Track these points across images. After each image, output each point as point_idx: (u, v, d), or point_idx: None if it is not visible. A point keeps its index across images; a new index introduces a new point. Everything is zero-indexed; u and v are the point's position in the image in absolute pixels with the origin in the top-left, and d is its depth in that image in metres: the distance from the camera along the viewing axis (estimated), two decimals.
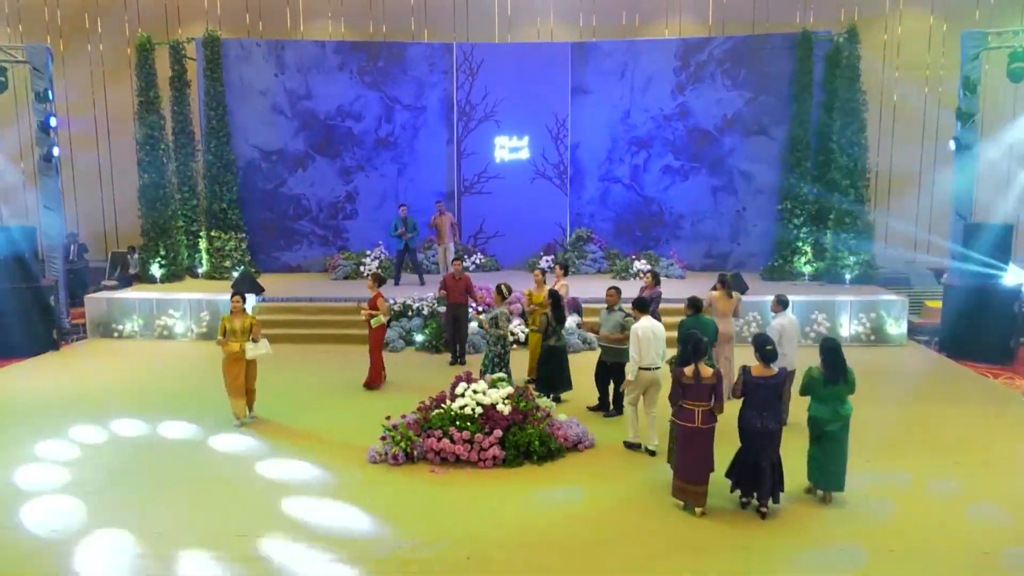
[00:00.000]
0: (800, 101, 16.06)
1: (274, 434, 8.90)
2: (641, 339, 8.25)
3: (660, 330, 8.44)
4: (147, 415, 9.55)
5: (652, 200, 17.49)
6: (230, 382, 9.05)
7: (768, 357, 6.86)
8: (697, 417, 6.72)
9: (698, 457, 6.78)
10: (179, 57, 16.45)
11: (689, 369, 6.77)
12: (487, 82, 17.24)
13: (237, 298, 9.18)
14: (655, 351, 8.32)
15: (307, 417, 9.49)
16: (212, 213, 16.41)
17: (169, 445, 8.59)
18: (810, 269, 16.08)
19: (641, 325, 8.37)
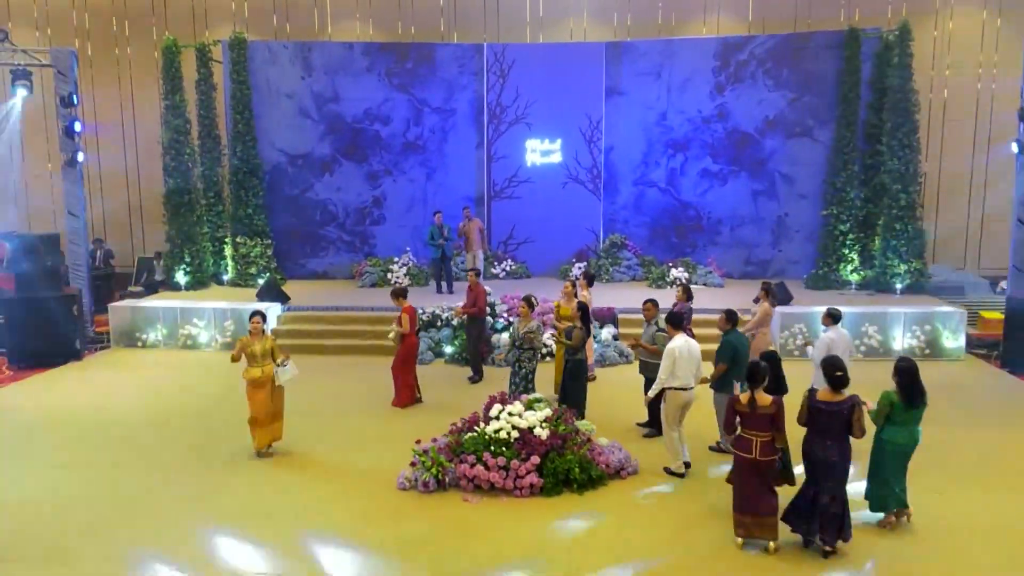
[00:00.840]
0: (847, 101, 15.32)
1: (297, 458, 8.43)
2: (677, 358, 7.74)
3: (696, 349, 7.98)
4: (163, 436, 9.16)
5: (689, 205, 16.85)
6: (256, 411, 8.31)
7: (838, 383, 6.27)
8: (755, 447, 6.18)
9: (758, 488, 6.24)
10: (205, 60, 16.15)
11: (745, 396, 6.25)
12: (518, 83, 16.73)
13: (257, 319, 8.37)
14: (690, 371, 7.82)
15: (332, 438, 9.02)
16: (237, 219, 16.08)
17: (183, 472, 8.15)
18: (857, 278, 15.34)
19: (677, 344, 7.85)
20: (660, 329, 8.83)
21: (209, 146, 16.30)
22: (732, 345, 8.27)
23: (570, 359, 9.43)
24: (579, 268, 16.80)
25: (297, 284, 16.51)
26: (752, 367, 6.32)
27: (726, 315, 8.51)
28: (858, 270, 15.34)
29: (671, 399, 7.87)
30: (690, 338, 8.06)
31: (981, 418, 9.67)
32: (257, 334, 8.35)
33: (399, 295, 10.20)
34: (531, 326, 9.28)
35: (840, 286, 15.36)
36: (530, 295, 9.90)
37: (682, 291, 10.35)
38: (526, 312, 9.45)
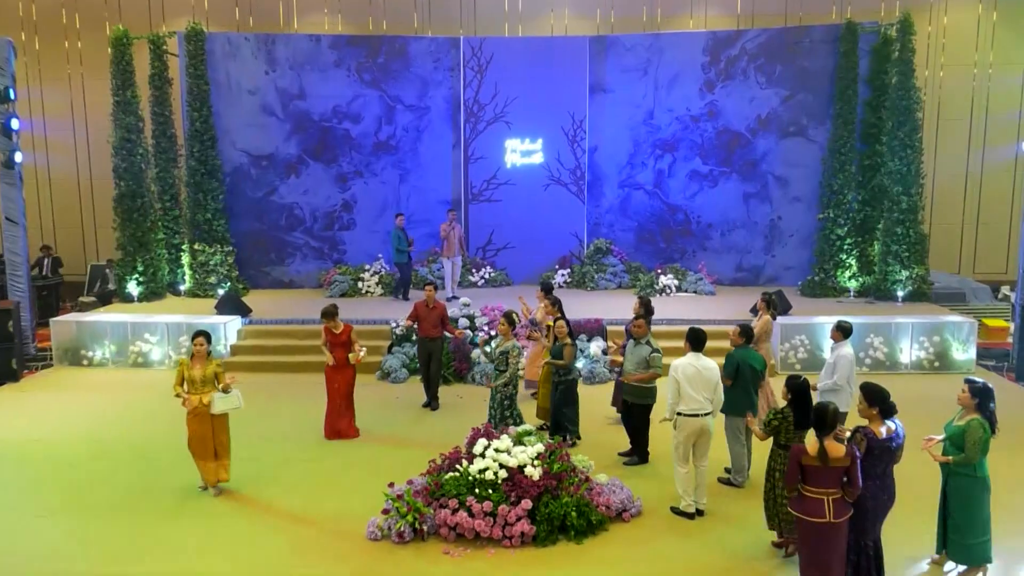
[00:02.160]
0: (844, 99, 14.55)
1: (251, 500, 7.38)
2: (681, 380, 6.82)
3: (709, 369, 7.01)
4: (101, 474, 8.05)
5: (678, 208, 15.99)
6: (195, 443, 7.38)
7: (890, 411, 5.44)
8: (828, 508, 5.16)
9: (834, 554, 5.24)
10: (159, 53, 14.97)
11: (812, 445, 5.22)
12: (497, 80, 15.77)
13: (200, 339, 7.42)
14: (702, 394, 6.88)
15: (291, 476, 7.97)
16: (195, 224, 14.90)
17: (118, 520, 7.06)
18: (855, 284, 14.58)
19: (682, 362, 6.93)
20: (655, 350, 7.93)
21: (164, 146, 15.11)
22: (734, 360, 7.41)
23: (560, 380, 8.52)
24: (563, 275, 15.92)
25: (261, 294, 15.39)
26: (820, 411, 5.31)
27: (740, 330, 7.63)
28: (856, 276, 14.58)
29: (678, 427, 6.97)
30: (701, 356, 7.13)
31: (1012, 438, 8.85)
32: (200, 357, 7.38)
33: (330, 315, 8.96)
34: (507, 346, 8.27)
35: (837, 293, 14.60)
36: (512, 312, 8.91)
37: (639, 304, 9.06)
38: (506, 330, 8.44)
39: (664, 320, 12.56)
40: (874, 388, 5.73)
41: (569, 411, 8.56)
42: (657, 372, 7.87)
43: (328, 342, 8.88)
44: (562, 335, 8.53)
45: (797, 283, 15.17)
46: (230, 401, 7.46)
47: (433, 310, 10.04)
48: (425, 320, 10.03)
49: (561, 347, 8.46)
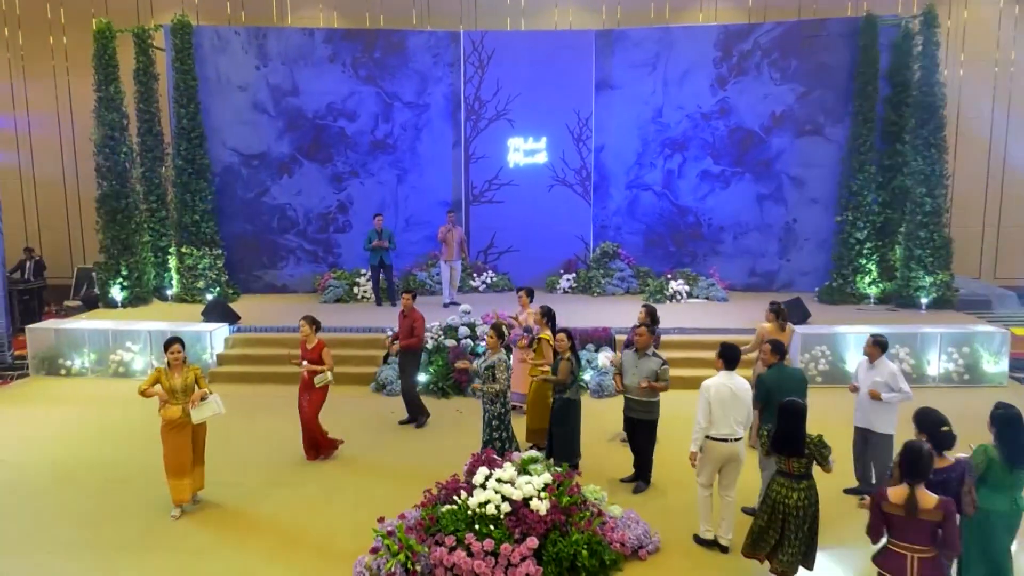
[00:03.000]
0: (863, 96, 13.85)
1: (225, 531, 6.68)
2: (714, 402, 6.14)
3: (742, 389, 6.33)
4: (68, 498, 7.36)
5: (688, 210, 15.29)
6: (171, 457, 6.88)
7: (946, 442, 4.76)
8: (911, 567, 4.38)
9: None
10: (145, 47, 14.27)
11: (898, 492, 4.41)
12: (499, 76, 15.08)
13: (176, 347, 6.93)
14: (734, 417, 6.20)
15: (272, 504, 7.25)
16: (183, 226, 14.20)
17: (78, 554, 6.36)
18: (876, 291, 13.87)
19: (715, 382, 6.25)
20: (664, 362, 7.25)
21: (150, 144, 14.42)
22: (764, 384, 6.69)
23: (557, 398, 7.78)
24: (567, 280, 15.22)
25: (252, 299, 14.71)
26: (912, 453, 4.44)
27: (772, 347, 6.91)
28: (877, 282, 13.87)
29: (705, 451, 6.29)
30: (734, 375, 6.44)
31: None
32: (177, 365, 6.89)
33: (315, 323, 8.15)
34: (493, 359, 7.48)
35: (857, 300, 13.90)
36: (500, 323, 8.13)
37: (645, 313, 8.65)
38: (494, 343, 7.59)
39: (675, 329, 11.88)
40: (925, 417, 5.05)
41: (561, 432, 7.71)
42: (666, 386, 7.21)
43: (300, 356, 8.08)
44: (563, 348, 7.81)
45: (814, 289, 14.47)
46: (209, 408, 7.00)
47: (406, 319, 9.18)
48: (400, 329, 9.25)
49: (559, 361, 7.76)
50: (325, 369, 7.94)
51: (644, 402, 7.34)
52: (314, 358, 7.94)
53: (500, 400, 7.42)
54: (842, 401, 9.49)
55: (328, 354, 8.01)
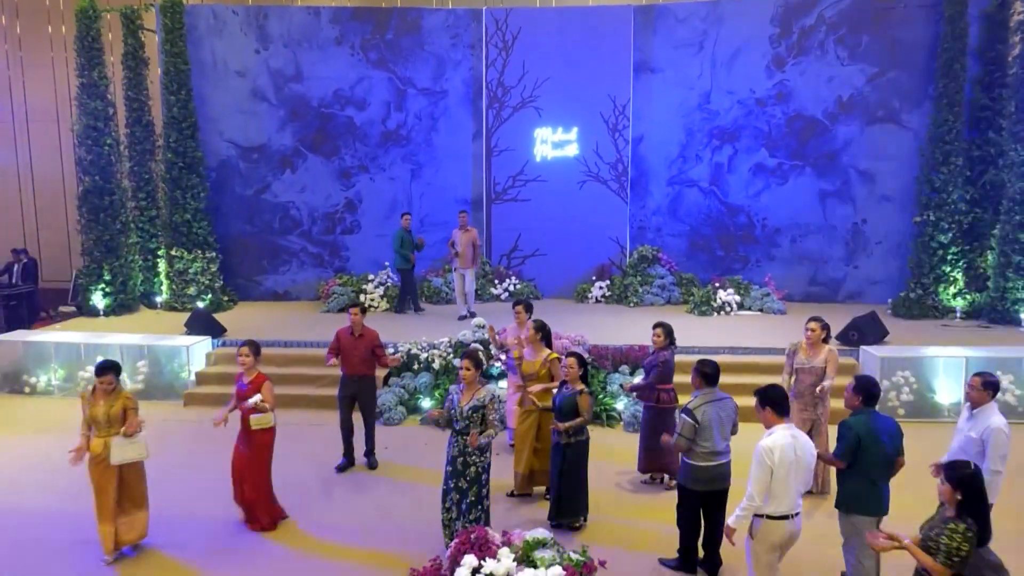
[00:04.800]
0: (948, 76, 11.86)
1: None
2: (778, 468, 4.54)
3: (808, 450, 4.72)
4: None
5: (739, 209, 13.44)
6: (97, 497, 5.80)
7: None
8: None
9: None
10: (134, 28, 12.95)
11: None
12: (525, 58, 13.43)
13: (109, 377, 5.74)
14: (795, 487, 4.60)
15: (229, 559, 5.72)
16: (173, 226, 12.83)
17: None
18: (963, 303, 11.87)
19: (778, 443, 4.57)
20: (684, 410, 5.55)
21: (139, 136, 13.11)
22: (853, 433, 4.94)
23: (572, 440, 6.16)
24: (600, 288, 13.49)
25: (249, 307, 13.31)
26: None
27: (856, 386, 5.14)
28: (964, 294, 11.87)
29: (763, 533, 4.61)
30: (796, 431, 4.74)
31: None
32: (103, 393, 5.78)
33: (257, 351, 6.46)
34: (481, 397, 5.71)
35: (940, 314, 11.91)
36: (475, 349, 6.34)
37: (663, 333, 7.20)
38: (471, 376, 5.75)
39: (724, 349, 10.08)
40: None
41: (570, 484, 6.19)
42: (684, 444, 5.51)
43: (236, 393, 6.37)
44: (573, 378, 6.15)
45: (887, 301, 12.49)
46: (131, 450, 5.77)
47: (360, 339, 7.59)
48: (351, 353, 7.56)
49: (574, 397, 6.10)
50: (266, 407, 6.23)
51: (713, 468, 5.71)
52: (252, 394, 6.21)
53: (487, 453, 5.74)
54: (931, 441, 7.74)
55: (270, 390, 6.28)
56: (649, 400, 7.19)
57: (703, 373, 5.60)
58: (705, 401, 5.51)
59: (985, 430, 5.19)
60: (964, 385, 8.94)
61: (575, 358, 6.18)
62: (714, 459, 5.49)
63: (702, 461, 5.48)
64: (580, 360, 6.21)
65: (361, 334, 7.58)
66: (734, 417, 5.65)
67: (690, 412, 5.45)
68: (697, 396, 5.58)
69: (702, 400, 5.52)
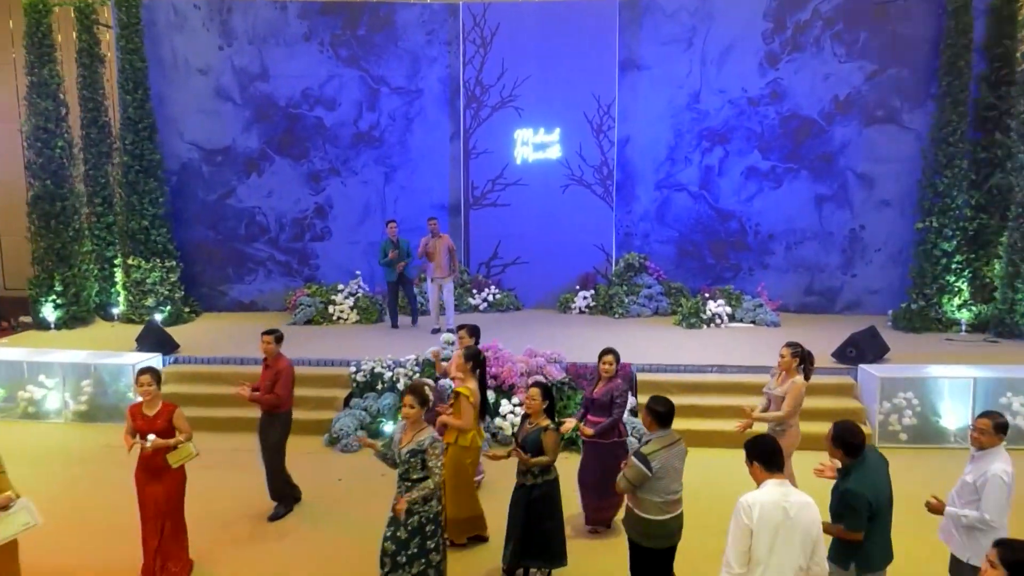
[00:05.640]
0: (952, 73, 11.16)
1: None
2: (759, 530, 3.83)
3: (805, 507, 3.90)
4: None
5: (730, 215, 12.72)
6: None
7: None
8: None
9: None
10: (88, 24, 12.21)
11: None
12: (504, 55, 12.71)
13: None
14: (788, 555, 3.81)
15: None
16: (129, 233, 12.09)
17: None
18: (968, 316, 11.16)
19: (760, 498, 3.89)
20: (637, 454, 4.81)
21: (95, 137, 12.37)
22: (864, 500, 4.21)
23: (540, 481, 5.44)
24: (584, 297, 12.77)
25: (214, 319, 12.59)
26: None
27: (834, 437, 4.41)
28: (970, 305, 11.16)
29: None
30: (790, 488, 4.00)
31: None
32: None
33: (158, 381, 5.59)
34: (422, 440, 4.94)
35: (943, 327, 11.21)
36: (422, 383, 5.52)
37: (614, 360, 6.36)
38: (416, 414, 4.99)
39: (713, 367, 9.36)
40: None
41: (545, 529, 5.48)
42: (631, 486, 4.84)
43: (133, 428, 5.55)
44: (535, 412, 5.44)
45: (887, 312, 11.78)
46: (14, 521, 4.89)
47: (268, 370, 6.70)
48: (261, 385, 6.74)
49: (538, 434, 5.38)
50: (182, 440, 5.49)
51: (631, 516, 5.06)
52: (161, 428, 5.50)
53: (436, 495, 5.01)
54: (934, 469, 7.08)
55: (183, 419, 5.55)
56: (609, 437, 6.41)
57: (657, 413, 4.86)
58: (662, 446, 4.79)
59: (983, 475, 4.47)
60: (969, 420, 8.26)
61: (539, 389, 5.45)
62: (671, 510, 4.83)
63: (656, 514, 4.79)
64: (545, 392, 5.47)
65: (269, 364, 6.71)
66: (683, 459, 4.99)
67: (645, 459, 4.72)
68: (651, 440, 4.86)
69: (658, 445, 4.79)
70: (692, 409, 8.55)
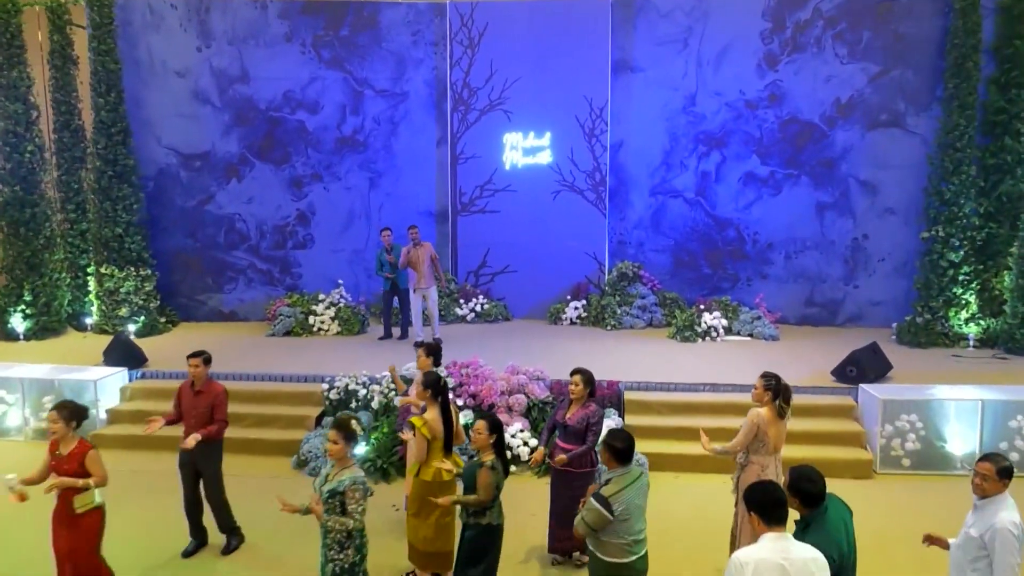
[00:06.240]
0: (959, 75, 10.64)
1: None
2: None
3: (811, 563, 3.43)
4: None
5: (728, 222, 12.22)
6: None
7: None
8: None
9: None
10: (60, 24, 11.80)
11: None
12: (493, 57, 12.25)
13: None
14: None
15: None
16: (102, 241, 11.66)
17: None
18: (976, 330, 10.63)
19: (755, 555, 3.44)
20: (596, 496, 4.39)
21: (68, 142, 11.95)
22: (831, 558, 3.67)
23: (472, 523, 4.97)
24: (575, 308, 12.29)
25: (191, 329, 12.16)
26: None
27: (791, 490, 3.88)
28: (977, 319, 10.63)
29: None
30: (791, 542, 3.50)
31: None
32: None
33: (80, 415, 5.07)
34: (344, 479, 4.49)
35: (951, 341, 10.67)
36: (349, 416, 4.89)
37: (582, 381, 5.90)
38: (337, 450, 4.56)
39: (706, 385, 8.87)
40: None
41: (476, 572, 4.97)
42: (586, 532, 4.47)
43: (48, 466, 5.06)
44: (481, 446, 4.96)
45: (891, 325, 11.26)
46: None
47: (200, 396, 6.17)
48: (189, 413, 6.15)
49: (475, 469, 4.91)
50: (90, 483, 4.97)
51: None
52: (71, 470, 4.97)
53: (355, 543, 4.53)
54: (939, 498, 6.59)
55: (97, 462, 5.01)
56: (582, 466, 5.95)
57: (616, 450, 4.45)
58: (623, 486, 4.36)
59: (990, 529, 3.97)
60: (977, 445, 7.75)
61: (485, 423, 4.96)
62: (636, 550, 4.41)
63: (621, 556, 4.38)
64: (491, 424, 4.98)
65: (200, 390, 6.20)
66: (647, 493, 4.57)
67: (605, 501, 4.28)
68: (611, 479, 4.42)
69: (619, 485, 4.37)
70: (682, 431, 8.07)
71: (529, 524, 6.54)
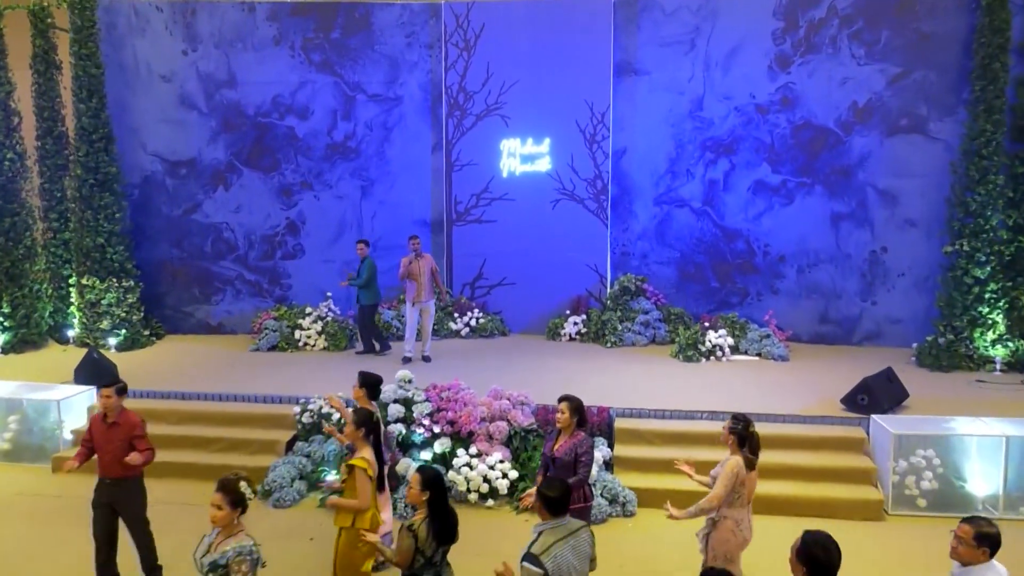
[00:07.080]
0: (986, 77, 9.89)
1: None
2: None
3: None
4: None
5: (737, 234, 11.54)
6: None
7: None
8: None
9: None
10: (43, 28, 11.46)
11: None
12: (490, 59, 11.71)
13: None
14: None
15: None
16: (84, 251, 11.29)
17: None
18: (1004, 353, 9.84)
19: None
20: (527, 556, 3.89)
21: (51, 149, 11.62)
22: None
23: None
24: (575, 323, 11.69)
25: (176, 342, 11.75)
26: None
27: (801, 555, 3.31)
28: (1005, 340, 9.85)
29: None
30: None
31: None
32: None
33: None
34: (230, 549, 3.91)
35: (975, 365, 9.90)
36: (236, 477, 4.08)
37: (568, 409, 5.37)
38: (221, 516, 3.99)
39: (705, 413, 8.22)
40: None
41: None
42: None
43: None
44: (413, 499, 4.34)
45: (911, 345, 10.51)
46: None
47: (114, 428, 5.65)
48: (103, 448, 5.66)
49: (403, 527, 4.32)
50: None
51: None
52: None
53: None
54: None
55: None
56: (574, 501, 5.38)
57: (547, 499, 3.94)
58: (556, 539, 3.82)
59: None
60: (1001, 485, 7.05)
61: (419, 476, 4.35)
62: None
63: None
64: (426, 480, 4.32)
65: (115, 422, 5.68)
66: (591, 552, 4.00)
67: (535, 560, 3.73)
68: (542, 532, 3.87)
69: (552, 539, 3.84)
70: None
71: None
